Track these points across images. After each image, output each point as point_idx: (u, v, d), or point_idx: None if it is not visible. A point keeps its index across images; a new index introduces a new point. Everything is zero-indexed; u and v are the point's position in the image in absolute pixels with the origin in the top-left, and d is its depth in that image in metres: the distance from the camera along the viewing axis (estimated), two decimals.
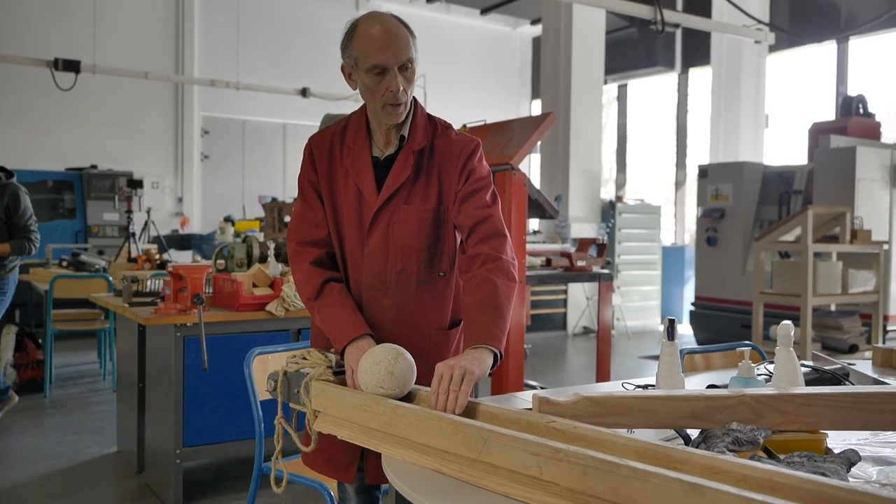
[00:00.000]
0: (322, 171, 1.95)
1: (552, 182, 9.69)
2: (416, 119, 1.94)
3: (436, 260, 1.94)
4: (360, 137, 1.93)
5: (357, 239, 1.92)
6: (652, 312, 10.17)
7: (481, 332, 1.70)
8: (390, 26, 1.79)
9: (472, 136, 2.00)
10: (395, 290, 1.91)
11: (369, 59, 1.78)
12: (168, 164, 11.41)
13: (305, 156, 1.99)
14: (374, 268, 1.91)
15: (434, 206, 1.91)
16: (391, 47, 1.77)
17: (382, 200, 1.88)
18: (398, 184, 1.88)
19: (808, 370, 2.07)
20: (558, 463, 1.22)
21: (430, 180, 1.91)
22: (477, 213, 1.88)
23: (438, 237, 1.93)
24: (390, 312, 1.92)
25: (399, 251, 1.90)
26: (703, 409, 1.48)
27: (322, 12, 12.20)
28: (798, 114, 10.43)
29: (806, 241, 4.97)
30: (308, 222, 1.96)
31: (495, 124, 4.61)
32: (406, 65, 1.80)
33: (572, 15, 9.37)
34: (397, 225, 1.89)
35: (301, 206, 1.99)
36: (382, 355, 1.63)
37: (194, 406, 3.45)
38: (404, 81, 1.81)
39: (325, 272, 1.92)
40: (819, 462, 1.29)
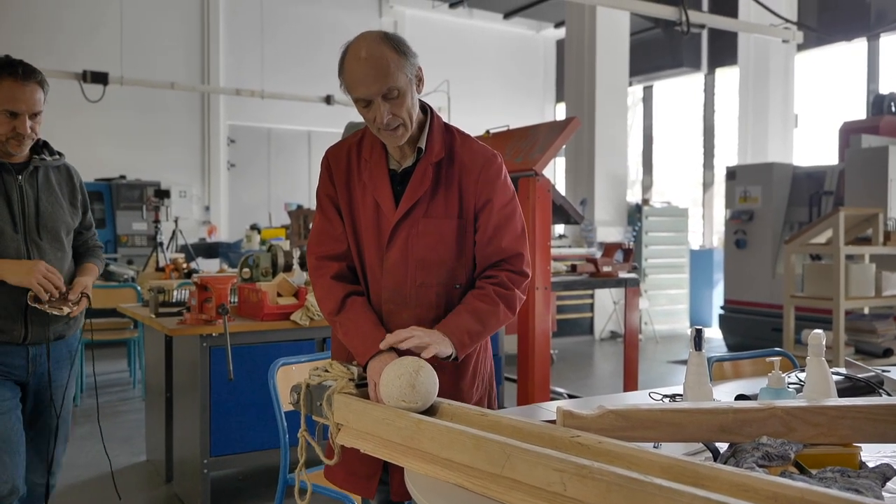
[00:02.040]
0: (340, 184, 1.93)
1: (577, 186, 9.64)
2: (433, 130, 1.91)
3: (456, 272, 1.91)
4: (376, 150, 1.92)
5: (376, 253, 1.90)
6: (680, 316, 10.06)
7: (456, 330, 1.79)
8: (372, 54, 1.75)
9: (493, 149, 1.96)
10: (414, 303, 1.89)
11: (353, 91, 1.79)
12: (195, 173, 11.53)
13: (323, 169, 1.97)
14: (393, 282, 1.89)
15: (455, 218, 1.89)
16: (369, 79, 1.74)
17: (401, 214, 1.86)
18: (416, 197, 1.86)
19: (840, 378, 2.02)
20: (583, 479, 1.20)
21: (450, 192, 1.89)
22: (509, 247, 1.90)
23: (461, 250, 1.90)
24: (411, 326, 1.89)
25: (419, 265, 1.87)
26: (732, 423, 1.44)
27: (346, 19, 12.26)
28: (828, 113, 10.27)
29: (837, 244, 4.88)
30: (327, 236, 1.94)
31: (519, 130, 4.58)
32: (390, 92, 1.76)
33: (596, 17, 9.32)
34: (417, 239, 1.87)
35: (320, 219, 1.97)
36: (404, 368, 1.62)
37: (220, 416, 3.46)
38: (392, 108, 1.77)
39: (347, 286, 1.91)
40: (853, 477, 1.25)
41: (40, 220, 2.48)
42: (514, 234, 1.90)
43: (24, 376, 2.49)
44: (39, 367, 2.52)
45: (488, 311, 1.83)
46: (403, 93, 1.78)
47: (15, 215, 2.42)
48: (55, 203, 2.54)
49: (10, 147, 2.39)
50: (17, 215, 2.42)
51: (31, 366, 2.49)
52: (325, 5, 12.17)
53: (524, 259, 1.91)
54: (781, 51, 9.79)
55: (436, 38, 12.78)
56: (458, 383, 1.92)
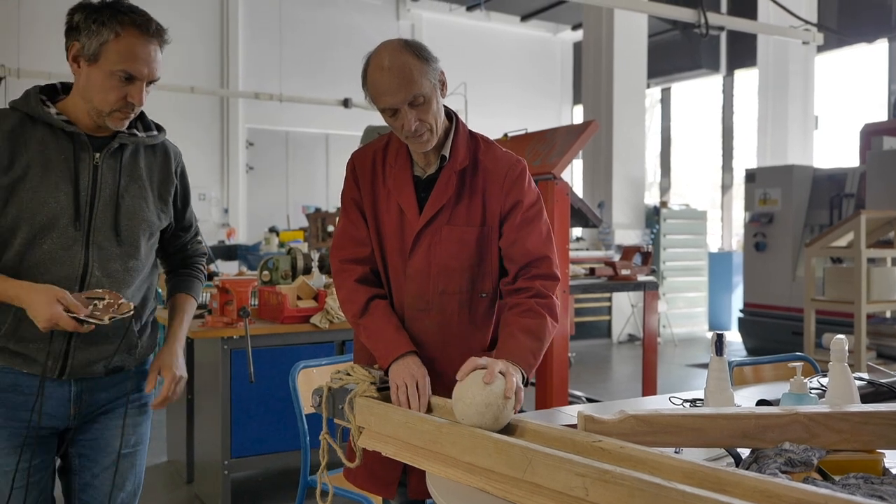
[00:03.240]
0: (365, 188, 1.94)
1: (595, 188, 9.62)
2: (458, 137, 1.91)
3: (478, 281, 1.92)
4: (401, 156, 1.92)
5: (399, 258, 1.91)
6: (699, 319, 10.00)
7: (521, 354, 1.74)
8: (394, 63, 1.75)
9: (518, 156, 1.96)
10: (437, 310, 1.90)
11: (378, 102, 1.79)
12: (214, 175, 11.61)
13: (348, 172, 1.98)
14: (415, 288, 1.89)
15: (477, 226, 1.88)
16: (394, 88, 1.74)
17: (424, 221, 1.86)
18: (440, 205, 1.86)
19: (863, 384, 2.01)
20: (605, 484, 1.21)
21: (474, 200, 1.89)
22: (535, 249, 1.87)
23: (481, 258, 1.90)
24: (433, 332, 1.90)
25: (441, 272, 1.88)
26: (754, 428, 1.44)
27: (363, 23, 12.31)
28: (849, 114, 10.19)
29: (859, 247, 4.84)
30: (351, 240, 1.95)
31: (537, 133, 4.59)
32: (415, 100, 1.76)
33: (614, 19, 9.30)
34: (439, 246, 1.87)
35: (344, 222, 1.98)
36: (495, 398, 1.54)
37: (241, 417, 3.49)
38: (418, 114, 1.78)
39: (370, 290, 1.92)
40: (876, 484, 1.25)
41: (117, 217, 1.82)
42: (539, 236, 1.88)
43: (63, 422, 1.84)
44: (85, 409, 1.85)
45: (539, 326, 1.80)
46: (429, 99, 1.78)
47: (80, 206, 1.76)
48: (139, 195, 1.87)
49: (111, 120, 1.77)
50: (84, 206, 1.77)
51: (73, 408, 1.83)
52: (343, 9, 12.23)
53: (552, 262, 1.89)
54: (801, 52, 9.72)
55: (453, 41, 12.80)
56: None
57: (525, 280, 1.86)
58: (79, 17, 1.73)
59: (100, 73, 1.72)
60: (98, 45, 1.71)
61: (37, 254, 1.73)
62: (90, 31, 1.71)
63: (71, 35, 1.74)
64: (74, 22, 1.73)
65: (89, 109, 1.76)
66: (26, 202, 1.72)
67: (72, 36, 1.74)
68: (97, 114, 1.76)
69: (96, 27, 1.70)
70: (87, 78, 1.74)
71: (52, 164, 1.76)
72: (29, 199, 1.73)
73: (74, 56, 1.74)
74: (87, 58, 1.72)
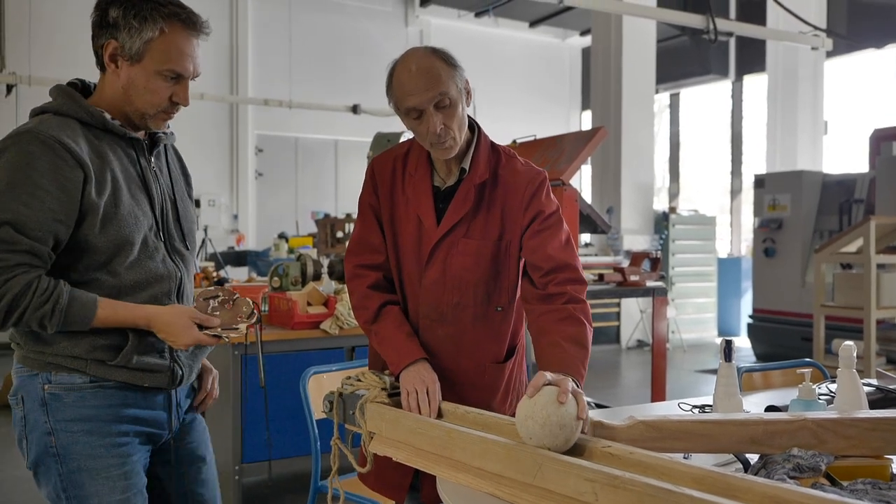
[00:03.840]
0: (384, 196, 1.93)
1: (604, 194, 9.62)
2: (479, 149, 1.89)
3: (493, 294, 1.90)
4: (421, 166, 1.91)
5: (415, 268, 1.90)
6: (708, 325, 9.98)
7: (570, 364, 1.66)
8: (421, 65, 1.74)
9: (539, 168, 1.94)
10: (451, 321, 1.89)
11: (403, 103, 1.76)
12: (224, 182, 11.67)
13: (367, 178, 1.97)
14: (430, 298, 1.89)
15: (494, 240, 1.87)
16: (421, 88, 1.73)
17: (442, 233, 1.86)
18: (458, 217, 1.85)
19: (871, 390, 2.01)
20: (614, 490, 1.22)
21: (492, 213, 1.87)
22: (557, 254, 1.83)
23: (497, 272, 1.89)
24: (446, 343, 1.90)
25: (456, 284, 1.87)
26: (762, 434, 1.45)
27: (372, 29, 12.37)
28: (859, 120, 10.16)
29: (868, 253, 4.83)
30: (366, 247, 1.95)
31: (545, 139, 4.61)
32: (442, 100, 1.74)
33: (622, 25, 9.31)
34: (455, 258, 1.86)
35: (360, 228, 1.97)
36: (569, 419, 1.42)
37: (252, 423, 3.51)
38: (444, 118, 1.76)
39: (383, 296, 1.93)
40: (884, 489, 1.26)
41: (179, 220, 1.79)
42: (559, 242, 1.85)
43: (163, 435, 1.79)
44: (179, 419, 1.84)
45: (581, 333, 1.75)
46: (455, 102, 1.77)
47: (157, 215, 1.72)
48: (184, 196, 1.85)
49: (154, 122, 1.69)
50: (158, 214, 1.73)
51: (174, 419, 1.81)
52: (353, 16, 12.29)
53: (577, 268, 1.86)
54: (810, 58, 9.71)
55: (462, 47, 12.75)
56: (489, 401, 1.92)
57: (555, 286, 1.81)
58: (116, 13, 1.59)
59: (143, 73, 1.62)
60: (142, 43, 1.59)
61: (138, 272, 1.66)
62: (131, 28, 1.58)
63: (105, 32, 1.61)
64: (111, 18, 1.59)
65: (131, 112, 1.67)
66: (125, 220, 1.63)
67: (107, 33, 1.61)
68: (139, 116, 1.67)
69: (138, 23, 1.58)
70: (129, 79, 1.63)
71: (129, 174, 1.67)
72: (126, 217, 1.63)
73: (111, 55, 1.62)
74: (128, 57, 1.61)
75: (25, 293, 1.51)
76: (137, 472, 1.70)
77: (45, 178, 1.51)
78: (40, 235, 1.52)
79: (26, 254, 1.51)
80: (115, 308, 1.60)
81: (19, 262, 1.51)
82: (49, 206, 1.52)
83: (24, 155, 1.51)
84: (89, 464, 1.63)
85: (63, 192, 1.53)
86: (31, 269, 1.53)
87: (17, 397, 1.66)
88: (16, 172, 1.51)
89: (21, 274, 1.51)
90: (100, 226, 1.59)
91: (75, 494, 1.62)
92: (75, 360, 1.61)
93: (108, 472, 1.64)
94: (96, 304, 1.58)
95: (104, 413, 1.64)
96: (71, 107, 1.62)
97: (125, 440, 1.68)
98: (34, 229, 1.51)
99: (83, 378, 1.63)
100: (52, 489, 1.64)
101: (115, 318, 1.60)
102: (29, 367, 1.64)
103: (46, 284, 1.53)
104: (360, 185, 2.01)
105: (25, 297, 1.51)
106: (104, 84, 1.68)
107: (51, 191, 1.52)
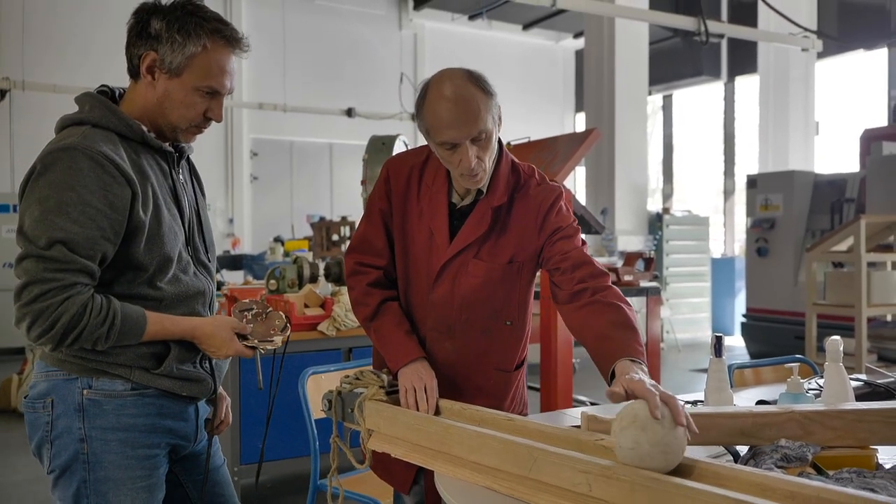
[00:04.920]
0: (396, 201, 1.91)
1: (598, 195, 9.67)
2: (499, 171, 1.85)
3: (503, 311, 1.89)
4: (439, 178, 1.88)
5: (425, 282, 1.89)
6: (702, 325, 10.03)
7: (625, 348, 1.56)
8: (461, 96, 1.68)
9: (554, 184, 1.90)
10: (459, 335, 1.89)
11: (439, 135, 1.71)
12: (219, 186, 11.69)
13: (381, 181, 1.94)
14: (438, 314, 1.89)
15: (504, 263, 1.85)
16: (459, 123, 1.67)
17: (453, 253, 1.84)
18: (471, 239, 1.83)
19: (860, 384, 2.05)
20: (608, 480, 1.25)
21: (505, 236, 1.85)
22: (575, 254, 1.79)
23: (507, 291, 1.88)
24: (453, 355, 1.90)
25: (463, 303, 1.86)
26: (751, 426, 1.49)
27: (366, 33, 12.41)
28: (849, 120, 10.24)
29: (859, 251, 4.88)
30: (369, 248, 1.96)
31: (539, 141, 4.65)
32: (478, 136, 1.70)
33: (615, 27, 9.36)
34: (464, 278, 1.85)
35: (366, 227, 1.97)
36: (679, 446, 1.27)
37: (250, 424, 3.54)
38: (478, 151, 1.72)
39: (382, 292, 1.95)
40: (868, 478, 1.30)
41: (203, 232, 1.80)
42: (576, 244, 1.82)
43: (187, 447, 1.80)
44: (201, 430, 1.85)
45: (620, 314, 1.67)
46: (490, 136, 1.73)
47: (186, 229, 1.72)
48: (204, 207, 1.85)
49: (185, 135, 1.69)
50: (186, 228, 1.73)
51: (199, 431, 1.82)
52: (346, 19, 12.33)
53: (595, 264, 1.81)
54: (802, 59, 9.78)
55: (455, 50, 12.89)
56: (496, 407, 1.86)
57: (579, 283, 1.75)
58: (159, 25, 1.57)
59: (182, 88, 1.61)
60: (184, 58, 1.58)
61: (177, 286, 1.67)
62: (174, 42, 1.57)
63: (145, 42, 1.59)
64: (153, 30, 1.58)
65: (164, 124, 1.65)
66: (167, 236, 1.63)
67: (147, 44, 1.59)
68: (171, 129, 1.66)
69: (182, 38, 1.57)
70: (165, 92, 1.61)
71: (164, 188, 1.66)
72: (167, 233, 1.63)
73: (149, 67, 1.60)
74: (166, 70, 1.59)
75: (83, 314, 1.49)
76: (160, 486, 1.70)
77: (95, 196, 1.50)
78: (91, 254, 1.51)
79: (80, 273, 1.50)
80: (163, 322, 1.61)
81: (74, 281, 1.49)
82: (99, 224, 1.51)
83: (73, 172, 1.49)
84: (117, 474, 1.62)
85: (113, 210, 1.52)
86: (84, 289, 1.51)
87: (44, 401, 1.61)
88: (66, 190, 1.48)
89: (76, 294, 1.49)
90: (145, 243, 1.59)
91: (96, 503, 1.61)
92: (120, 367, 1.61)
93: (133, 483, 1.64)
94: (146, 319, 1.59)
95: (141, 423, 1.65)
96: (111, 120, 1.59)
97: (155, 452, 1.68)
98: (86, 248, 1.50)
99: (125, 385, 1.62)
100: (72, 495, 1.62)
101: (164, 332, 1.62)
102: (67, 370, 1.60)
103: (100, 304, 1.53)
104: (356, 188, 2.03)
105: (83, 319, 1.50)
106: (136, 93, 1.65)
107: (101, 209, 1.50)
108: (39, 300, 1.47)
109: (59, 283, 1.48)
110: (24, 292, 1.48)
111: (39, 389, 1.63)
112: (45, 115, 10.61)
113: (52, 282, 1.47)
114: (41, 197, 1.49)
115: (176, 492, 1.82)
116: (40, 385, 1.63)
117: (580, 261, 1.78)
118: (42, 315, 1.47)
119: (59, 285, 1.48)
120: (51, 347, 1.52)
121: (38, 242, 1.48)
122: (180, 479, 1.83)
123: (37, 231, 1.48)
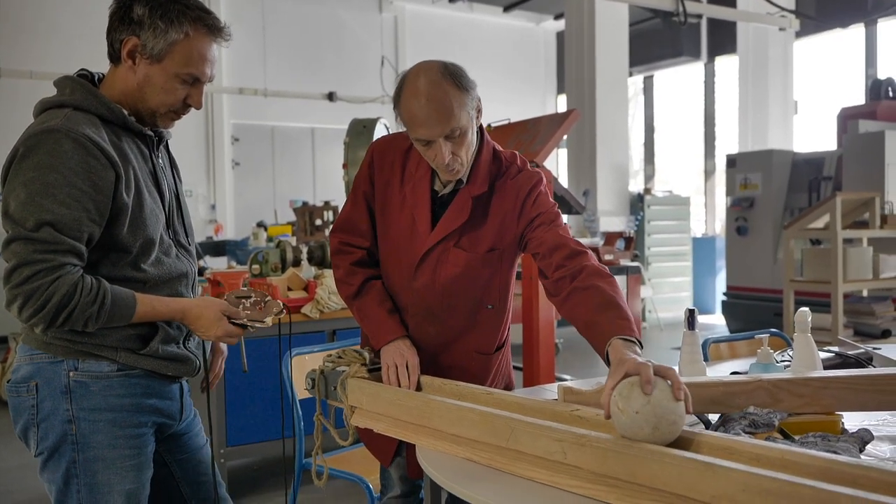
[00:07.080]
0: (379, 185, 1.94)
1: (580, 177, 9.72)
2: (480, 160, 1.87)
3: (485, 296, 1.92)
4: (422, 167, 1.89)
5: (406, 268, 1.91)
6: (684, 304, 10.13)
7: (612, 328, 1.54)
8: (434, 94, 1.69)
9: (533, 170, 1.91)
10: (441, 319, 1.92)
11: (413, 131, 1.75)
12: (200, 172, 11.63)
13: (365, 164, 1.96)
14: (420, 300, 1.91)
15: (484, 252, 1.87)
16: (432, 122, 1.69)
17: (433, 242, 1.86)
18: (452, 228, 1.85)
19: (832, 356, 2.11)
20: (581, 448, 1.30)
21: (486, 224, 1.86)
22: (551, 238, 1.79)
23: (489, 279, 1.91)
24: (435, 338, 1.93)
25: (445, 291, 1.89)
26: (722, 395, 1.54)
27: (346, 16, 12.34)
28: (828, 99, 10.34)
29: (835, 228, 4.96)
30: (354, 229, 1.99)
31: (519, 123, 4.68)
32: (452, 133, 1.72)
33: (595, 8, 9.38)
34: (445, 266, 1.87)
35: (351, 209, 2.00)
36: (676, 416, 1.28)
37: (236, 407, 3.57)
38: (453, 147, 1.74)
39: (366, 271, 1.98)
40: (832, 441, 1.35)
41: (182, 216, 1.83)
42: (555, 229, 1.82)
43: (172, 425, 1.83)
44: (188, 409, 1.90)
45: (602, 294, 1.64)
46: (465, 132, 1.74)
47: (166, 212, 1.75)
48: (182, 192, 1.88)
49: (163, 121, 1.70)
50: (167, 211, 1.75)
51: (184, 410, 1.86)
52: (326, 3, 12.25)
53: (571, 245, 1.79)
54: (780, 39, 9.85)
55: (436, 32, 12.86)
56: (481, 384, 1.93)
57: (555, 270, 1.75)
58: (142, 10, 1.59)
59: (162, 74, 1.63)
60: (165, 45, 1.60)
61: (160, 269, 1.70)
62: (156, 28, 1.59)
63: (127, 28, 1.61)
64: (136, 15, 1.60)
65: (143, 108, 1.67)
66: (148, 219, 1.65)
67: (129, 29, 1.61)
68: (150, 113, 1.67)
69: (164, 25, 1.59)
70: (146, 77, 1.63)
71: (145, 171, 1.69)
72: (149, 216, 1.65)
73: (130, 51, 1.62)
74: (148, 56, 1.61)
75: (73, 293, 1.51)
76: (148, 465, 1.73)
77: (80, 178, 1.52)
78: (78, 235, 1.53)
79: (69, 253, 1.52)
80: (152, 303, 1.64)
81: (63, 262, 1.51)
82: (85, 205, 1.52)
83: (57, 154, 1.50)
84: (106, 453, 1.65)
85: (97, 192, 1.54)
86: (74, 269, 1.53)
87: (27, 384, 1.63)
88: (51, 172, 1.50)
89: (66, 274, 1.51)
90: (128, 225, 1.61)
91: (86, 482, 1.64)
92: (106, 348, 1.64)
93: (122, 462, 1.66)
94: (136, 301, 1.61)
95: (128, 403, 1.67)
96: (92, 102, 1.61)
97: (143, 431, 1.71)
98: (73, 229, 1.52)
99: (111, 366, 1.65)
100: (61, 476, 1.64)
101: (154, 314, 1.65)
102: (53, 353, 1.62)
103: (91, 283, 1.55)
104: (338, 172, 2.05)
105: (74, 298, 1.52)
106: (116, 77, 1.67)
107: (86, 190, 1.52)
108: (30, 281, 1.49)
109: (49, 264, 1.50)
110: (14, 274, 1.50)
111: (23, 373, 1.65)
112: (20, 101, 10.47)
113: (41, 263, 1.49)
114: (26, 179, 1.50)
115: (161, 470, 1.84)
116: (23, 368, 1.65)
117: (556, 243, 1.78)
118: (34, 295, 1.49)
119: (48, 266, 1.50)
120: (42, 328, 1.54)
121: (25, 224, 1.49)
122: (164, 458, 1.86)
123: (24, 213, 1.50)
